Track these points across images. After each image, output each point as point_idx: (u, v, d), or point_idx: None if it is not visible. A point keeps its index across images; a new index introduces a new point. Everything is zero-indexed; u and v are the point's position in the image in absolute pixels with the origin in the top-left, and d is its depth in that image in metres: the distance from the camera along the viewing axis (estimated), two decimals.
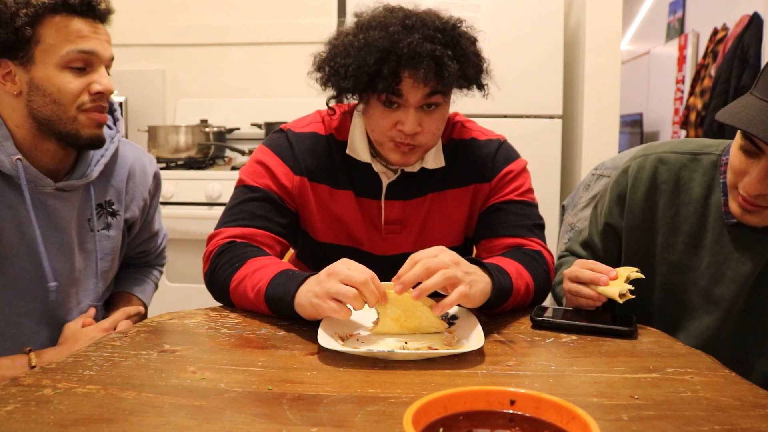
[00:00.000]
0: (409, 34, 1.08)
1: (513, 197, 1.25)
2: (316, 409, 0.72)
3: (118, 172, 1.27)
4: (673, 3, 5.11)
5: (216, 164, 2.89)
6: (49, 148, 1.13)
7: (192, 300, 1.67)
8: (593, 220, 1.31)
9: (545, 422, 0.56)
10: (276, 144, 1.26)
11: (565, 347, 0.95)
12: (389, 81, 1.09)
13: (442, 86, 1.12)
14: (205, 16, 3.15)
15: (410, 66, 1.08)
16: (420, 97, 1.12)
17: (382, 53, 1.08)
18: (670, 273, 1.16)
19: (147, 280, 1.46)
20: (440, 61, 1.08)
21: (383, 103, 1.14)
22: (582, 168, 2.66)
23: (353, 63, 1.10)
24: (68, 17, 1.06)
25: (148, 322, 1.05)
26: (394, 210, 1.26)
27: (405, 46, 1.07)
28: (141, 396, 0.75)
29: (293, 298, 0.99)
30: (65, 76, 1.07)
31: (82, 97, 1.09)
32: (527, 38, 2.56)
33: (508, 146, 1.30)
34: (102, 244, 1.25)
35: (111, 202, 1.26)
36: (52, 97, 1.07)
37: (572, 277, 1.11)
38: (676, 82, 4.78)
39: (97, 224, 1.24)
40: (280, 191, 1.22)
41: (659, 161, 1.17)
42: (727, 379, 0.81)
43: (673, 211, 1.15)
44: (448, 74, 1.08)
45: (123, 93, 3.03)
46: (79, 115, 1.10)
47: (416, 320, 0.97)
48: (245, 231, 1.18)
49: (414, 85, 1.10)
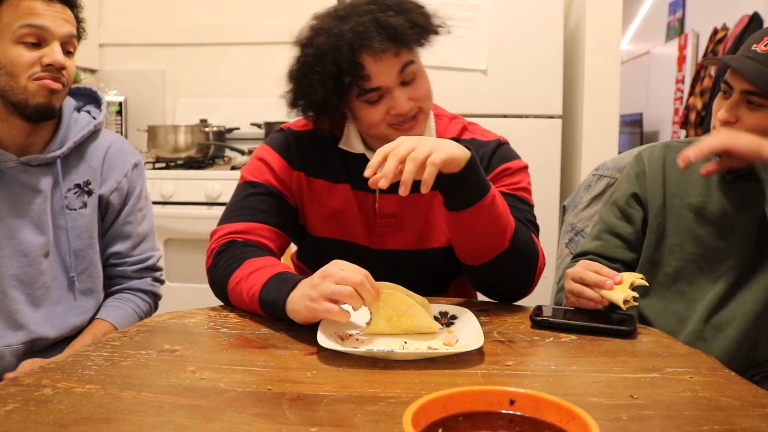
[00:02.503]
0: (346, 22, 1.10)
1: (508, 190, 1.24)
2: (315, 409, 0.72)
3: (95, 153, 1.32)
4: (673, 3, 5.11)
5: (216, 164, 2.89)
6: (14, 121, 1.20)
7: (192, 300, 1.66)
8: (606, 210, 1.37)
9: (545, 422, 0.56)
10: (275, 141, 1.29)
11: (564, 347, 0.95)
12: (353, 71, 1.10)
13: (401, 44, 1.12)
14: (205, 16, 3.15)
15: (362, 46, 1.09)
16: (393, 72, 1.12)
17: (333, 51, 1.09)
18: (685, 217, 1.27)
19: (123, 306, 1.35)
20: (385, 24, 1.09)
21: (366, 103, 1.15)
22: (582, 168, 2.66)
23: (315, 76, 1.12)
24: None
25: (147, 322, 1.06)
26: (388, 204, 1.26)
27: (348, 31, 1.08)
28: (140, 396, 0.75)
29: (284, 303, 0.99)
30: (18, 50, 1.16)
31: (34, 68, 1.17)
32: (527, 38, 2.56)
33: (507, 147, 1.30)
34: (77, 221, 1.28)
35: (88, 182, 1.30)
36: (5, 69, 1.16)
37: (576, 277, 1.11)
38: (676, 82, 4.78)
39: (75, 203, 1.28)
40: (281, 186, 1.24)
41: (666, 147, 1.34)
42: (726, 379, 0.81)
43: (683, 178, 1.29)
44: (399, 30, 1.09)
45: (123, 93, 3.03)
46: (30, 83, 1.17)
47: (409, 319, 0.96)
48: (247, 226, 1.19)
49: (377, 61, 1.11)
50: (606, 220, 1.36)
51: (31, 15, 1.15)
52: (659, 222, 1.29)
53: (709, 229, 1.25)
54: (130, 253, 1.37)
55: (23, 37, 1.15)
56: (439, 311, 1.05)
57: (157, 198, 2.54)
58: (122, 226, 1.36)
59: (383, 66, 1.12)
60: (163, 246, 2.56)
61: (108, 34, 3.15)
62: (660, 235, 1.29)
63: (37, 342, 1.24)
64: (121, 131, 2.93)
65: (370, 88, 1.13)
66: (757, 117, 1.15)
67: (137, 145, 3.02)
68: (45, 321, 1.24)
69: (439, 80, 1.46)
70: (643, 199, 1.32)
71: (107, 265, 1.36)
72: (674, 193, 1.29)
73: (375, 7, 1.11)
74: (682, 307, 1.25)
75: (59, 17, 1.18)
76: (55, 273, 1.26)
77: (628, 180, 1.35)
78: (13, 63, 1.15)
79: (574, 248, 1.61)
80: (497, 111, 2.56)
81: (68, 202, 1.27)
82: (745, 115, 1.17)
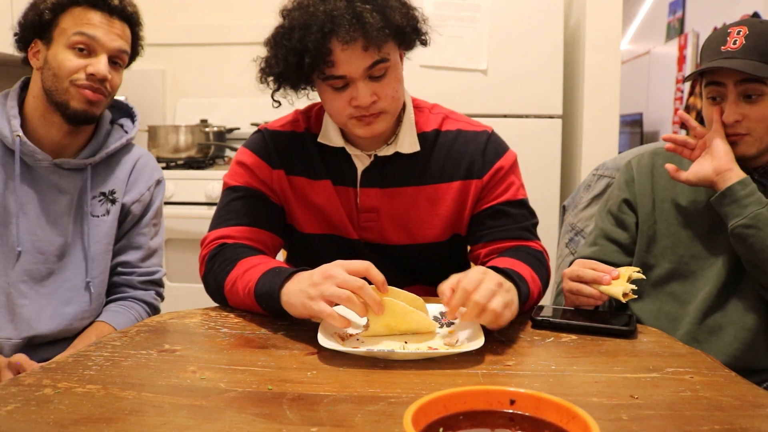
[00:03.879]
0: (325, 3, 1.08)
1: (510, 197, 1.25)
2: (316, 408, 0.72)
3: (124, 165, 1.37)
4: (673, 3, 5.10)
5: (216, 164, 2.89)
6: (56, 120, 1.27)
7: (192, 300, 1.67)
8: (602, 217, 1.39)
9: (545, 422, 0.56)
10: (253, 143, 1.29)
11: (565, 347, 0.95)
12: (318, 54, 1.08)
13: (370, 41, 1.09)
14: (205, 16, 3.15)
15: (332, 31, 1.07)
16: (360, 66, 1.10)
17: (303, 29, 1.08)
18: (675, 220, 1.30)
19: (126, 313, 1.35)
20: (360, 17, 1.07)
21: (330, 87, 1.14)
22: (582, 168, 2.66)
23: (281, 48, 1.11)
24: (86, 9, 1.24)
25: (148, 322, 1.06)
26: (369, 198, 1.25)
27: (321, 13, 1.07)
28: (141, 396, 0.75)
29: (279, 294, 0.99)
30: (67, 54, 1.24)
31: (78, 74, 1.24)
32: (527, 38, 2.56)
33: (496, 138, 1.29)
34: (98, 228, 1.32)
35: (113, 191, 1.34)
36: (53, 70, 1.24)
37: (573, 276, 1.12)
38: (676, 82, 4.78)
39: (98, 210, 1.32)
40: (262, 186, 1.24)
41: (654, 154, 1.37)
42: (727, 379, 0.81)
43: (671, 183, 1.32)
44: (370, 26, 1.07)
45: (123, 93, 3.01)
46: (71, 88, 1.24)
47: (407, 326, 0.97)
48: (234, 230, 1.19)
49: (344, 50, 1.08)
50: (601, 226, 1.38)
51: (86, 24, 1.23)
52: (649, 226, 1.31)
53: (699, 232, 1.26)
54: (139, 264, 1.39)
55: (74, 44, 1.23)
56: (440, 311, 1.05)
57: None
58: (136, 237, 1.39)
59: (349, 55, 1.09)
60: (163, 246, 2.56)
61: None
62: (651, 238, 1.31)
63: (36, 338, 1.25)
64: None
65: (334, 75, 1.11)
66: (762, 108, 1.18)
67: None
68: (49, 319, 1.26)
69: (439, 80, 1.46)
70: (634, 204, 1.35)
71: (114, 273, 1.38)
72: (663, 197, 1.32)
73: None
74: (674, 309, 1.26)
75: (113, 32, 1.26)
76: (68, 275, 1.29)
77: (619, 187, 1.39)
78: (61, 66, 1.23)
79: (574, 248, 1.61)
80: (497, 111, 2.56)
81: (92, 208, 1.31)
82: (749, 110, 1.18)
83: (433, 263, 1.29)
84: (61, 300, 1.27)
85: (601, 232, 1.36)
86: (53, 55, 1.24)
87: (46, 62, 1.25)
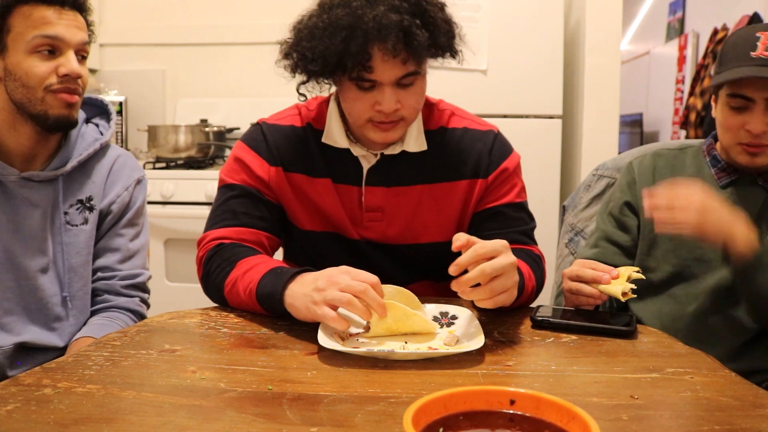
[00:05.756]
0: (373, 8, 1.06)
1: (511, 200, 1.24)
2: (316, 408, 0.72)
3: (100, 169, 1.29)
4: (673, 3, 5.11)
5: (216, 164, 2.89)
6: (26, 131, 1.19)
7: (192, 300, 1.66)
8: (603, 219, 1.38)
9: (545, 422, 0.56)
10: (251, 138, 1.26)
11: (565, 347, 0.95)
12: (358, 58, 1.06)
13: (413, 57, 1.08)
14: (205, 16, 3.15)
15: (378, 40, 1.05)
16: (394, 75, 1.09)
17: (347, 30, 1.05)
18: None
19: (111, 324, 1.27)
20: (408, 31, 1.05)
21: (356, 86, 1.12)
22: (582, 168, 2.66)
23: (319, 44, 1.08)
24: (34, 6, 1.13)
25: (148, 322, 1.06)
26: (374, 197, 1.23)
27: (370, 20, 1.04)
28: (141, 396, 0.75)
29: (282, 295, 0.99)
30: (32, 61, 1.13)
31: (50, 79, 1.14)
32: (527, 38, 2.56)
33: (502, 139, 1.28)
34: (77, 238, 1.25)
35: (90, 198, 1.27)
36: (21, 81, 1.14)
37: (573, 276, 1.12)
38: (676, 83, 4.78)
39: (76, 218, 1.25)
40: (258, 184, 1.22)
41: (655, 155, 1.37)
42: (727, 379, 0.82)
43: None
44: (417, 44, 1.06)
45: (123, 93, 3.03)
46: (47, 95, 1.15)
47: (408, 327, 0.96)
48: (230, 231, 1.18)
49: (384, 59, 1.07)
50: (602, 228, 1.37)
51: (45, 25, 1.13)
52: (651, 229, 1.30)
53: None
54: (119, 267, 1.31)
55: (37, 48, 1.13)
56: (440, 311, 1.05)
57: (157, 198, 2.54)
58: (114, 238, 1.31)
59: (389, 66, 1.08)
60: (163, 246, 2.56)
61: (108, 34, 3.15)
62: (652, 241, 1.30)
63: (27, 344, 1.21)
64: (121, 131, 2.93)
65: (367, 78, 1.10)
66: None
67: (137, 145, 3.04)
68: (38, 332, 1.21)
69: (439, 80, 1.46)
70: (636, 207, 1.34)
71: (95, 279, 1.30)
72: None
73: (406, 6, 1.07)
74: (675, 309, 1.26)
75: (72, 25, 1.16)
76: (55, 289, 1.23)
77: (620, 189, 1.37)
78: (29, 74, 1.13)
79: (573, 248, 1.61)
80: (497, 111, 2.56)
81: (69, 218, 1.24)
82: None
83: (436, 262, 1.29)
84: (48, 316, 1.22)
85: (603, 234, 1.36)
86: (15, 63, 1.13)
87: (7, 73, 1.14)
